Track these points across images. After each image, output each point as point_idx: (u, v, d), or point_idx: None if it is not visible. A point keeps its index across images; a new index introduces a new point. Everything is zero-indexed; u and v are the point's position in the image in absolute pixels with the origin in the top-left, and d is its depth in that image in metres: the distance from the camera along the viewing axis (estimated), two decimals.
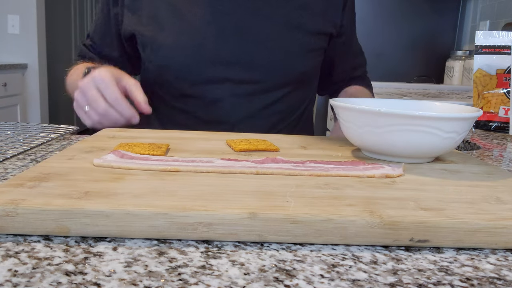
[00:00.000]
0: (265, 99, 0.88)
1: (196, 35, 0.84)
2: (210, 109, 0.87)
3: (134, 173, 0.44)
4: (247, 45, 0.85)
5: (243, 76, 0.85)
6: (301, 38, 0.88)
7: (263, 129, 0.86)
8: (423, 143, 0.51)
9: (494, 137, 0.89)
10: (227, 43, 0.84)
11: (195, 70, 0.85)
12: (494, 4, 1.99)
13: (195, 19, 0.84)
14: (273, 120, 0.90)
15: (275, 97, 0.88)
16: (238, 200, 0.37)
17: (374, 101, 0.66)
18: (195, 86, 0.86)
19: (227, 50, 0.84)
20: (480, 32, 1.02)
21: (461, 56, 2.07)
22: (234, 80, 0.85)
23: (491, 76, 1.00)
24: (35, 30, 3.24)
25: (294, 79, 0.89)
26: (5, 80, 3.00)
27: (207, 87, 0.85)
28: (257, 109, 0.88)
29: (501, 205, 0.39)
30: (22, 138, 0.63)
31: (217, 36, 0.84)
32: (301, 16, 0.87)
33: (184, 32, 0.84)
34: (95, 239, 0.34)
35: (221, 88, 0.86)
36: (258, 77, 0.86)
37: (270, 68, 0.86)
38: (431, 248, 0.35)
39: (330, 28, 0.91)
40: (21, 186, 0.38)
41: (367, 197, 0.39)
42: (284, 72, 0.88)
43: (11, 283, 0.27)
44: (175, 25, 0.85)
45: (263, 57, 0.86)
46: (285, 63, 0.87)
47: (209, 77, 0.85)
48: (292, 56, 0.87)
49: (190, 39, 0.84)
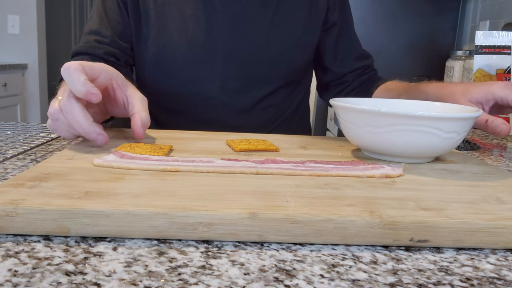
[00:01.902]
0: (256, 94, 0.88)
1: (186, 31, 0.84)
2: (202, 107, 0.87)
3: (134, 173, 0.44)
4: (236, 41, 0.85)
5: (233, 72, 0.86)
6: (290, 33, 0.87)
7: (257, 125, 0.86)
8: (423, 143, 0.51)
9: (494, 137, 0.89)
10: (216, 39, 0.84)
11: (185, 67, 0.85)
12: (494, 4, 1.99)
13: (185, 15, 0.84)
14: (267, 116, 0.90)
15: (266, 92, 0.89)
16: (238, 200, 0.37)
17: (374, 101, 0.66)
18: (185, 83, 0.86)
19: (217, 47, 0.84)
20: (480, 32, 1.02)
21: (461, 56, 2.07)
22: (224, 76, 0.85)
23: (491, 76, 1.00)
24: (35, 30, 3.24)
25: (284, 74, 0.89)
26: (5, 80, 2.99)
27: (197, 84, 0.85)
28: (249, 105, 0.88)
29: (501, 205, 0.39)
30: (22, 138, 0.63)
31: (206, 33, 0.84)
32: (290, 10, 0.87)
33: (173, 29, 0.84)
34: (95, 239, 0.34)
35: (212, 84, 0.86)
36: (248, 72, 0.86)
37: (260, 64, 0.86)
38: (431, 248, 0.35)
39: (318, 19, 0.90)
40: (21, 186, 0.38)
41: (367, 197, 0.39)
42: (274, 67, 0.88)
43: (11, 283, 0.27)
44: (164, 21, 0.84)
45: (252, 53, 0.86)
46: (275, 58, 0.87)
47: (200, 74, 0.85)
48: (281, 51, 0.87)
49: (180, 36, 0.84)
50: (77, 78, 0.52)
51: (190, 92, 0.86)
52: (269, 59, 0.87)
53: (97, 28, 0.85)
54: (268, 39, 0.86)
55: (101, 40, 0.84)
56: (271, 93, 0.89)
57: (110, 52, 0.83)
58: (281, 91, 0.91)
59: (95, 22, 0.86)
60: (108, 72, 0.59)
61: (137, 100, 0.60)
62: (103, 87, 0.59)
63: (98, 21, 0.85)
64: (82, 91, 0.51)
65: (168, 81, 0.87)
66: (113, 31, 0.84)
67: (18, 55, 3.27)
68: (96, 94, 0.52)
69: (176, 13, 0.84)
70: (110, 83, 0.60)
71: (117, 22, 0.85)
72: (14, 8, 3.21)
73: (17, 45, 3.26)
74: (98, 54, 0.82)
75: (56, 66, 3.78)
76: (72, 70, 0.52)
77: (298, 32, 0.88)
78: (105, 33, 0.84)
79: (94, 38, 0.84)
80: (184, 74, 0.86)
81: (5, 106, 3.03)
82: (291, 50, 0.88)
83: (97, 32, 0.85)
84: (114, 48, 0.84)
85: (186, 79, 0.86)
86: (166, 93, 0.88)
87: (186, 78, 0.86)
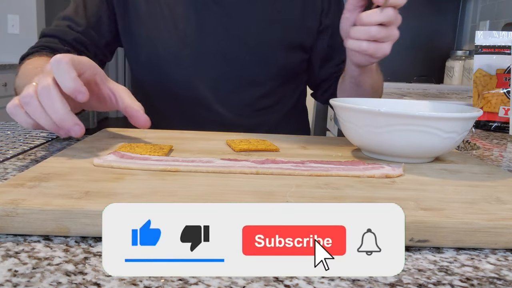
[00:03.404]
0: (251, 95, 0.87)
1: (177, 31, 0.84)
2: (196, 108, 0.86)
3: (134, 173, 0.44)
4: (229, 41, 0.84)
5: (227, 72, 0.85)
6: (281, 33, 0.87)
7: (252, 126, 0.86)
8: (423, 143, 0.51)
9: (494, 137, 0.89)
10: (208, 38, 0.84)
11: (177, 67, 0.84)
12: (494, 4, 1.99)
13: (175, 15, 0.84)
14: (262, 116, 0.90)
15: (261, 93, 0.88)
16: (238, 200, 0.37)
17: (374, 101, 0.66)
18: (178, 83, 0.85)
19: (209, 46, 0.84)
20: (480, 32, 1.02)
21: (461, 56, 2.07)
22: (217, 76, 0.85)
23: (491, 76, 1.00)
24: (35, 30, 3.24)
25: (279, 75, 0.89)
26: (5, 80, 2.99)
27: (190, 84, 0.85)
28: (244, 106, 0.88)
29: (501, 205, 0.39)
30: (22, 138, 0.63)
31: (197, 32, 0.84)
32: (282, 10, 0.87)
33: (164, 28, 0.84)
34: (95, 239, 0.34)
35: (205, 85, 0.85)
36: (241, 73, 0.86)
37: (254, 64, 0.86)
38: (431, 248, 0.35)
39: (312, 21, 0.89)
40: (21, 186, 0.38)
41: (367, 197, 0.39)
42: (268, 67, 0.87)
43: (11, 283, 0.27)
44: (155, 20, 0.84)
45: (244, 52, 0.85)
46: (266, 58, 0.86)
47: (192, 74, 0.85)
48: (273, 51, 0.86)
49: (170, 35, 0.84)
50: (67, 73, 0.50)
51: (183, 92, 0.86)
52: (263, 59, 0.86)
53: (71, 15, 0.84)
54: (262, 39, 0.86)
55: (73, 27, 0.83)
56: (266, 94, 0.89)
57: (80, 40, 0.82)
58: (276, 91, 0.90)
59: (71, 10, 0.85)
60: (93, 67, 0.56)
61: (123, 93, 0.59)
62: (87, 82, 0.56)
63: (74, 10, 0.85)
64: (70, 87, 0.49)
65: (161, 81, 0.86)
66: (87, 22, 0.84)
67: (18, 55, 3.24)
68: (84, 93, 0.50)
69: (166, 12, 0.84)
70: (94, 78, 0.57)
71: (93, 14, 0.84)
72: (14, 8, 3.21)
73: (17, 45, 3.26)
74: (67, 40, 0.81)
75: None
76: (63, 63, 0.50)
77: (292, 33, 0.88)
78: (79, 21, 0.83)
79: (67, 23, 0.83)
80: (176, 74, 0.85)
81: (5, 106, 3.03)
82: (285, 50, 0.88)
83: (71, 19, 0.83)
84: (85, 37, 0.83)
85: (179, 79, 0.85)
86: (160, 93, 0.88)
87: (178, 78, 0.85)
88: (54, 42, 0.82)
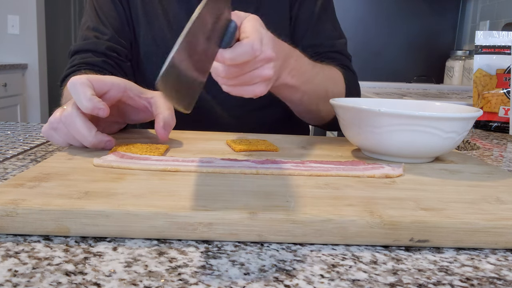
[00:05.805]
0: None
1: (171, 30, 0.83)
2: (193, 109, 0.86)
3: (134, 173, 0.44)
4: None
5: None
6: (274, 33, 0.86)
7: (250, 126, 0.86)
8: (423, 143, 0.51)
9: (494, 137, 0.89)
10: None
11: None
12: (494, 4, 1.99)
13: (169, 15, 0.84)
14: (262, 116, 0.90)
15: None
16: (238, 200, 0.37)
17: (374, 101, 0.66)
18: None
19: None
20: (480, 32, 1.02)
21: (461, 56, 2.07)
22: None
23: (491, 76, 1.00)
24: (35, 30, 3.24)
25: None
26: (5, 80, 2.99)
27: None
28: (242, 105, 0.87)
29: (501, 205, 0.39)
30: (22, 138, 0.63)
31: None
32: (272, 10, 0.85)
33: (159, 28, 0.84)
34: (95, 239, 0.34)
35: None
36: None
37: None
38: (431, 248, 0.35)
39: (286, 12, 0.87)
40: (21, 186, 0.38)
41: (367, 197, 0.39)
42: None
43: (11, 283, 0.27)
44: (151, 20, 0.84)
45: None
46: None
47: None
48: None
49: (165, 35, 0.84)
50: (83, 93, 0.52)
51: None
52: None
53: (94, 25, 0.84)
54: None
55: (100, 37, 0.82)
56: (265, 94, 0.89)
57: (112, 48, 0.82)
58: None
59: (92, 19, 0.84)
60: (119, 85, 0.58)
61: (158, 101, 0.60)
62: (116, 100, 0.59)
63: (94, 18, 0.84)
64: (88, 107, 0.51)
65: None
66: (111, 27, 0.83)
67: (18, 55, 3.27)
68: (103, 109, 0.52)
69: (160, 11, 0.84)
70: (126, 94, 0.59)
71: (113, 18, 0.84)
72: (14, 8, 3.21)
73: (17, 45, 3.26)
74: (100, 50, 0.81)
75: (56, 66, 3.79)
76: (78, 85, 0.52)
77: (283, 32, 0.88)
78: (103, 29, 0.83)
79: (93, 34, 0.82)
80: None
81: (5, 106, 3.03)
82: None
83: (96, 29, 0.83)
84: (114, 43, 0.83)
85: None
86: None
87: None
88: (89, 56, 0.81)
